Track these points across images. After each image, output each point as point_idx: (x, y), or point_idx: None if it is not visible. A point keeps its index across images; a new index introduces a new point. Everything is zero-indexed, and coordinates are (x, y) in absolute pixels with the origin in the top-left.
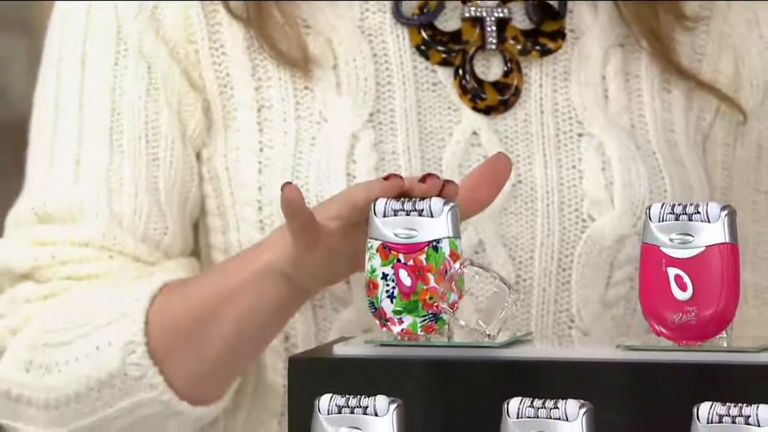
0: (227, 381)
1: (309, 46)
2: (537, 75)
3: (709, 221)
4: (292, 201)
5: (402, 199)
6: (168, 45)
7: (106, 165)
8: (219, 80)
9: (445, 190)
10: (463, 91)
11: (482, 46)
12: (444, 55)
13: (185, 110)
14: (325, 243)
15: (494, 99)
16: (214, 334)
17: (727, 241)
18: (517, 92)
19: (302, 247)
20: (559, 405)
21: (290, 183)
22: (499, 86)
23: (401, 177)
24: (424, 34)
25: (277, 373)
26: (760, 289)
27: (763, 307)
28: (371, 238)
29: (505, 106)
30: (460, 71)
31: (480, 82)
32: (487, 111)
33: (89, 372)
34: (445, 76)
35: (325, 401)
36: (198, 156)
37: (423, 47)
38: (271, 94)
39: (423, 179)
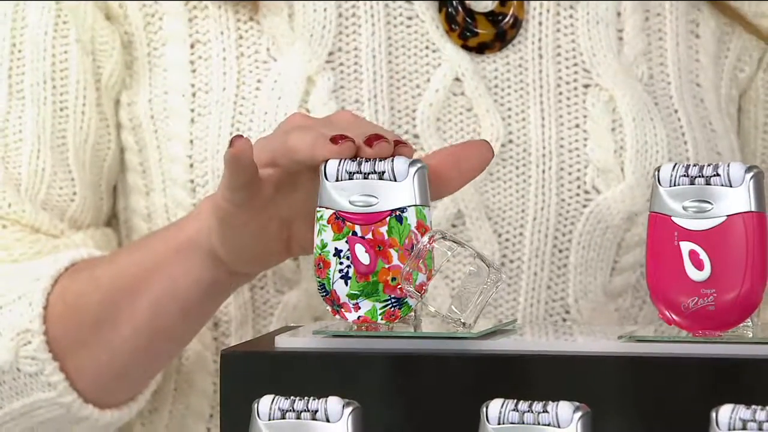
0: (143, 380)
1: None
2: (536, 9)
3: (731, 185)
4: (241, 156)
5: (359, 158)
6: None
7: (2, 114)
8: (144, 8)
9: (396, 153)
10: (451, 26)
11: None
12: None
13: (100, 50)
14: (258, 198)
15: (489, 34)
16: (125, 322)
17: (753, 209)
18: (516, 24)
19: (235, 205)
20: (549, 408)
21: (241, 136)
22: (494, 18)
23: (353, 140)
24: None
25: (204, 369)
26: None
27: None
28: (321, 207)
29: (502, 41)
30: (447, 1)
31: (471, 14)
32: (480, 49)
33: None
34: (424, 9)
35: (265, 404)
36: (117, 102)
37: None
38: (208, 26)
39: (369, 141)
